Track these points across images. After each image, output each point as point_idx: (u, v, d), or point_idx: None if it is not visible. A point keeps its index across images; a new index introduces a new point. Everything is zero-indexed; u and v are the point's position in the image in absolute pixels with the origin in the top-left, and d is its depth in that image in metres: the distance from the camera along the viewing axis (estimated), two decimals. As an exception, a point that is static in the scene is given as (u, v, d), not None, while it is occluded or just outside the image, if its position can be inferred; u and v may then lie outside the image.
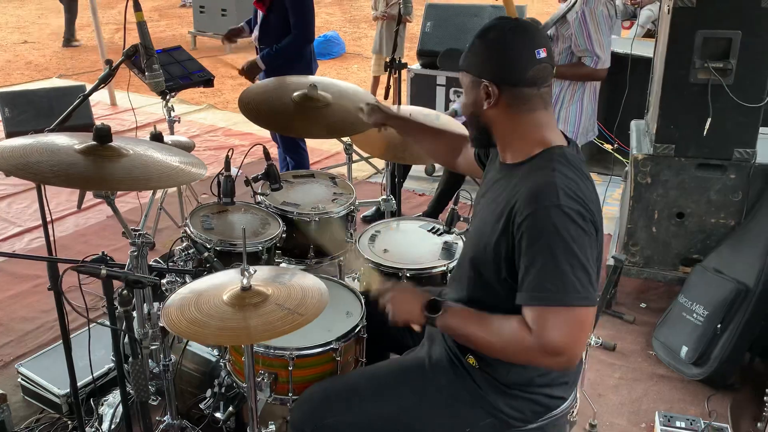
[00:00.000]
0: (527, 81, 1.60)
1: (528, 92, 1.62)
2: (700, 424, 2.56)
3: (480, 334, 1.61)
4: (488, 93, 1.62)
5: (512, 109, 1.63)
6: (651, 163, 3.17)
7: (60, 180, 1.58)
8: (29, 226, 4.30)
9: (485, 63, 1.63)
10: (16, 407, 2.69)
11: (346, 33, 10.59)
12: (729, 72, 2.91)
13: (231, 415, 2.18)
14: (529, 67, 1.59)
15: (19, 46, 9.88)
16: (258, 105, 2.63)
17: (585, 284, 1.48)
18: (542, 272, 1.49)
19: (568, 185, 1.52)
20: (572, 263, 1.47)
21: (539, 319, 1.50)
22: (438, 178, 4.62)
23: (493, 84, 1.61)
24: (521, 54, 1.59)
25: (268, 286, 1.74)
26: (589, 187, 1.59)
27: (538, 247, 1.50)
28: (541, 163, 1.60)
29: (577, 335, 1.50)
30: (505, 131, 1.68)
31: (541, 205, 1.50)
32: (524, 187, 1.56)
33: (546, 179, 1.54)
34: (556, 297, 1.48)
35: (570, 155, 1.62)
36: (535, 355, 1.52)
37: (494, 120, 1.67)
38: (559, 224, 1.48)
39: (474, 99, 1.67)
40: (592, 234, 1.53)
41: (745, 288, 2.84)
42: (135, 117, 4.15)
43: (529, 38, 1.61)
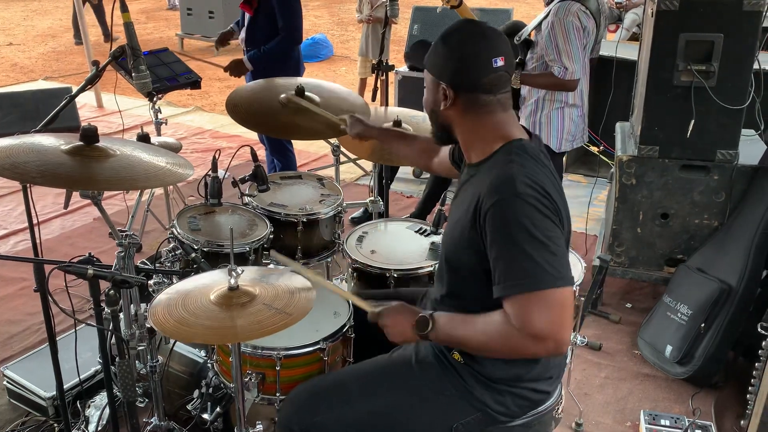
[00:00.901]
0: (482, 88, 1.65)
1: (484, 98, 1.66)
2: (685, 422, 2.59)
3: (470, 337, 1.63)
4: (445, 95, 1.67)
5: (469, 112, 1.68)
6: (635, 164, 3.20)
7: (47, 180, 1.58)
8: (14, 229, 4.27)
9: (443, 66, 1.67)
10: (1, 410, 2.68)
11: (334, 35, 10.59)
12: (711, 74, 2.95)
13: (218, 415, 2.18)
14: (485, 75, 1.63)
15: (4, 48, 9.81)
16: (246, 107, 2.64)
17: (555, 265, 1.50)
18: (510, 262, 1.52)
19: (525, 174, 1.56)
20: (537, 247, 1.50)
21: (518, 308, 1.52)
22: (426, 180, 4.64)
23: (450, 88, 1.66)
24: (477, 61, 1.63)
25: (256, 286, 1.75)
26: (548, 175, 1.62)
27: (502, 238, 1.53)
28: (500, 157, 1.65)
29: (559, 317, 1.51)
30: (464, 131, 1.73)
31: (500, 197, 1.53)
32: (486, 181, 1.59)
33: (503, 171, 1.58)
34: (528, 283, 1.50)
35: (528, 147, 1.66)
36: (524, 345, 1.53)
37: (453, 120, 1.72)
38: (518, 212, 1.51)
39: (433, 98, 1.72)
40: (554, 218, 1.55)
41: (729, 287, 2.87)
42: (122, 119, 4.13)
43: (489, 46, 1.64)
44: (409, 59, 1.62)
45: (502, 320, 1.56)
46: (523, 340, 1.52)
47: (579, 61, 3.17)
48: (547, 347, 1.53)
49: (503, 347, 1.58)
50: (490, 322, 1.58)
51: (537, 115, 3.39)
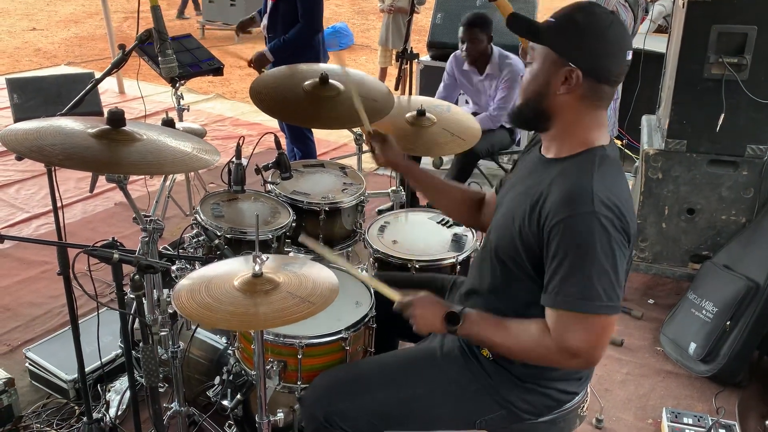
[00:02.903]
0: (612, 80, 1.56)
1: (606, 90, 1.57)
2: (708, 421, 2.56)
3: (500, 340, 1.62)
4: (569, 78, 1.54)
5: (583, 102, 1.57)
6: (662, 158, 3.15)
7: (74, 163, 1.57)
8: (37, 212, 4.31)
9: (579, 48, 1.53)
10: (23, 392, 2.70)
11: (354, 25, 10.56)
12: (744, 67, 2.88)
13: (239, 403, 2.18)
14: (619, 66, 1.55)
15: (28, 33, 9.88)
16: (270, 95, 2.62)
17: (610, 293, 1.47)
18: (568, 277, 1.48)
19: (604, 192, 1.48)
20: (599, 271, 1.45)
21: (560, 322, 1.51)
22: (446, 171, 4.61)
23: (581, 72, 1.52)
24: (617, 51, 1.54)
25: (279, 274, 1.73)
26: (624, 190, 1.55)
27: (567, 253, 1.48)
28: (580, 163, 1.56)
29: (597, 341, 1.51)
30: (566, 122, 1.60)
31: (576, 211, 1.46)
32: (560, 186, 1.52)
33: (583, 183, 1.49)
34: (578, 303, 1.47)
35: (611, 156, 1.59)
36: (555, 357, 1.54)
37: (560, 107, 1.58)
38: (591, 232, 1.45)
39: (547, 79, 1.57)
40: (623, 243, 1.49)
41: (756, 285, 2.82)
42: (144, 105, 4.14)
43: (625, 36, 1.56)
44: (515, 28, 1.49)
45: (538, 331, 1.55)
46: (555, 351, 1.52)
47: None
48: (578, 363, 1.54)
49: (535, 356, 1.59)
50: (526, 332, 1.57)
51: None
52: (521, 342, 1.59)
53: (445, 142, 2.68)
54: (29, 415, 2.60)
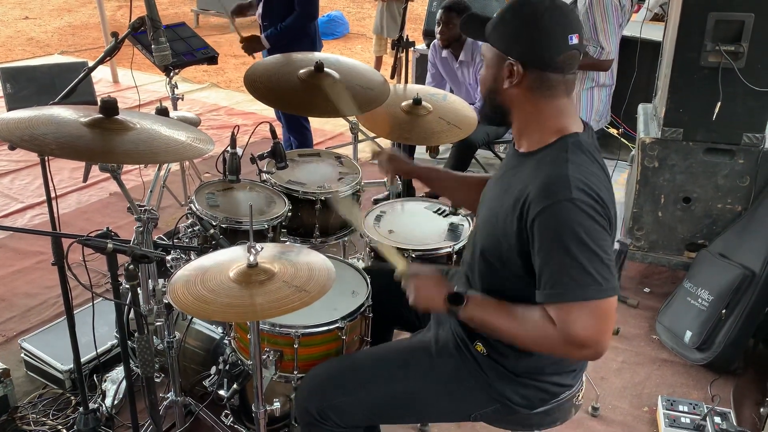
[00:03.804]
0: (555, 66, 1.53)
1: (554, 78, 1.55)
2: (703, 409, 2.57)
3: (504, 326, 1.58)
4: (512, 72, 1.54)
5: (534, 93, 1.56)
6: (658, 146, 3.14)
7: (66, 152, 1.56)
8: (31, 203, 4.28)
9: (515, 40, 1.54)
10: (19, 382, 2.69)
11: (350, 13, 10.49)
12: (740, 55, 2.87)
13: (235, 392, 2.18)
14: (561, 52, 1.52)
15: (21, 21, 9.80)
16: (264, 83, 2.60)
17: (604, 275, 1.44)
18: (559, 269, 1.46)
19: (581, 178, 1.47)
20: (588, 256, 1.44)
21: (562, 315, 1.47)
22: (442, 161, 4.60)
23: (519, 63, 1.53)
24: (554, 37, 1.51)
25: (275, 263, 1.73)
26: (601, 176, 1.54)
27: (552, 244, 1.46)
28: (554, 152, 1.54)
29: (602, 327, 1.47)
30: (524, 115, 1.61)
31: (554, 200, 1.45)
32: (537, 178, 1.50)
33: (558, 171, 1.49)
34: (575, 293, 1.45)
35: (585, 142, 1.56)
36: (562, 348, 1.49)
37: (513, 101, 1.60)
38: (572, 219, 1.44)
39: (495, 74, 1.59)
40: (606, 225, 1.48)
41: (751, 273, 2.83)
42: (138, 94, 4.10)
43: (565, 21, 1.52)
44: (464, 31, 1.49)
45: (543, 320, 1.50)
46: (562, 344, 1.48)
47: (615, 40, 3.12)
48: (586, 354, 1.50)
49: (540, 345, 1.55)
50: (530, 319, 1.53)
51: None
52: (526, 331, 1.54)
53: (441, 130, 2.67)
54: (25, 406, 2.59)
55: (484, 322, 1.62)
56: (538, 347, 1.56)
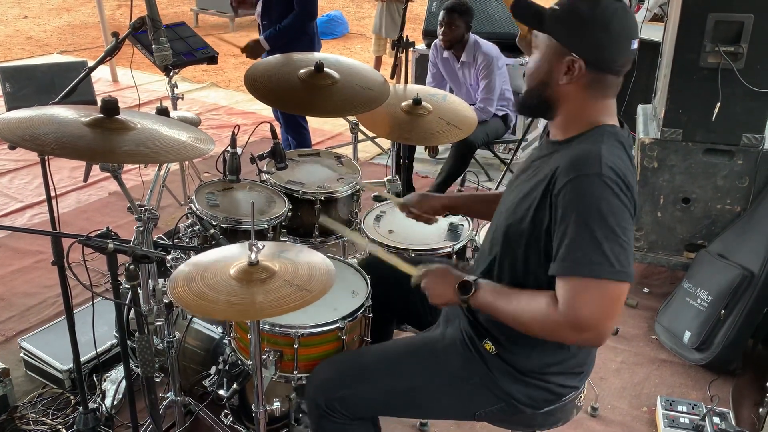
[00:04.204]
0: (616, 69, 1.53)
1: (611, 80, 1.55)
2: (702, 409, 2.57)
3: (510, 311, 1.57)
4: (571, 68, 1.52)
5: (588, 92, 1.55)
6: (658, 147, 3.15)
7: (67, 152, 1.56)
8: (31, 202, 4.28)
9: (581, 37, 1.51)
10: (18, 382, 2.69)
11: (349, 13, 10.49)
12: (740, 56, 2.88)
13: (235, 392, 2.18)
14: (624, 56, 1.52)
15: (20, 21, 9.79)
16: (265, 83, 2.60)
17: (620, 258, 1.41)
18: (576, 242, 1.43)
19: (612, 158, 1.46)
20: (608, 236, 1.41)
21: (570, 291, 1.44)
22: (442, 161, 4.60)
23: (582, 61, 1.51)
24: (621, 40, 1.50)
25: (275, 262, 1.73)
26: (631, 167, 1.53)
27: (573, 216, 1.44)
28: (589, 136, 1.55)
29: (609, 311, 1.43)
30: (571, 111, 1.59)
31: (582, 173, 1.44)
32: (567, 156, 1.50)
33: (591, 149, 1.48)
34: (588, 268, 1.41)
35: (621, 133, 1.57)
36: (565, 331, 1.46)
37: (564, 96, 1.57)
38: (597, 194, 1.42)
39: (550, 68, 1.56)
40: (630, 209, 1.46)
41: (750, 274, 2.83)
42: (138, 94, 4.11)
43: (631, 25, 1.52)
44: (519, 15, 1.44)
45: (547, 301, 1.49)
46: (563, 324, 1.45)
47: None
48: (586, 338, 1.47)
49: (543, 328, 1.52)
50: (535, 301, 1.52)
51: None
52: (530, 313, 1.52)
53: (441, 131, 2.67)
54: (24, 405, 2.59)
55: (492, 308, 1.61)
56: (541, 330, 1.53)
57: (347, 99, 2.53)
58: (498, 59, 4.20)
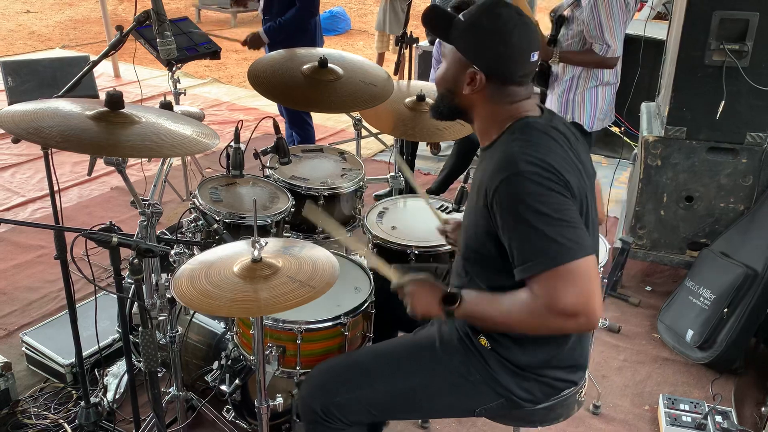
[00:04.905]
0: (517, 80, 1.59)
1: (513, 89, 1.61)
2: (705, 408, 2.57)
3: (496, 316, 1.59)
4: (473, 79, 1.59)
5: (491, 101, 1.62)
6: (661, 145, 3.14)
7: (72, 145, 1.55)
8: (33, 196, 4.28)
9: (482, 50, 1.58)
10: (20, 376, 2.69)
11: (351, 9, 10.48)
12: (745, 54, 2.87)
13: (237, 387, 2.18)
14: (524, 68, 1.58)
15: (22, 15, 9.78)
16: (268, 78, 2.60)
17: (571, 237, 1.45)
18: (525, 242, 1.48)
19: (527, 152, 1.51)
20: (548, 222, 1.45)
21: (542, 287, 1.47)
22: (444, 158, 4.60)
23: (483, 74, 1.58)
24: (520, 53, 1.56)
25: (279, 258, 1.72)
26: (557, 150, 1.55)
27: (511, 219, 1.49)
28: (504, 138, 1.60)
29: (586, 288, 1.45)
30: (483, 118, 1.66)
31: (503, 177, 1.49)
32: (491, 165, 1.55)
33: (505, 151, 1.54)
34: (546, 261, 1.45)
35: (534, 123, 1.59)
36: (554, 321, 1.48)
37: (470, 104, 1.65)
38: (522, 190, 1.47)
39: (455, 77, 1.63)
40: (563, 191, 1.49)
41: (754, 273, 2.83)
42: (141, 89, 4.10)
43: (531, 38, 1.57)
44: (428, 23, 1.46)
45: (527, 298, 1.50)
46: (553, 317, 1.47)
47: (621, 38, 3.11)
48: (579, 322, 1.48)
49: (534, 324, 1.54)
50: (517, 301, 1.53)
51: (570, 94, 3.32)
52: (517, 314, 1.54)
53: (444, 127, 2.67)
54: (26, 399, 2.59)
55: (480, 316, 1.64)
56: (533, 327, 1.56)
57: (351, 95, 2.54)
58: None
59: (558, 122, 1.65)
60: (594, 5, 3.09)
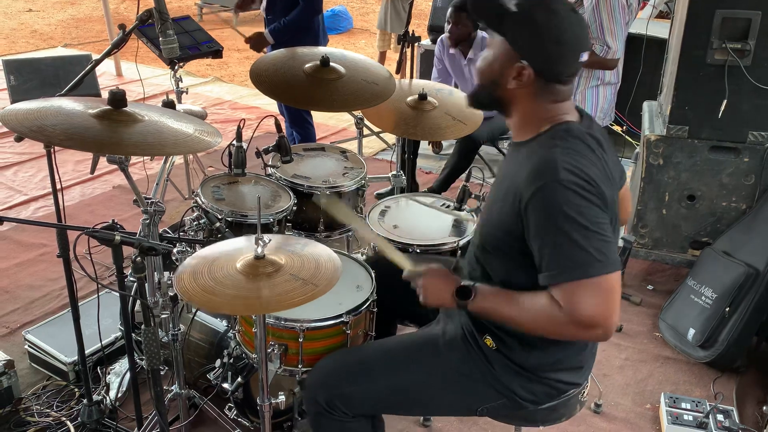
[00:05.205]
0: (563, 80, 1.56)
1: (559, 88, 1.57)
2: (706, 406, 2.57)
3: (512, 315, 1.59)
4: (520, 74, 1.54)
5: (537, 97, 1.58)
6: (663, 144, 3.14)
7: (75, 143, 1.56)
8: (35, 195, 4.29)
9: (533, 45, 1.52)
10: (23, 374, 2.70)
11: (353, 8, 10.48)
12: (747, 53, 2.87)
13: (239, 385, 2.18)
14: (572, 68, 1.55)
15: (24, 14, 9.79)
16: (270, 77, 2.60)
17: (604, 251, 1.45)
18: (557, 250, 1.46)
19: (568, 160, 1.48)
20: (583, 234, 1.44)
21: (566, 295, 1.47)
22: (445, 157, 4.60)
23: (532, 70, 1.53)
24: (572, 53, 1.52)
25: (282, 256, 1.73)
26: (594, 160, 1.53)
27: (546, 226, 1.47)
28: (544, 140, 1.56)
29: (608, 303, 1.46)
30: (523, 112, 1.62)
31: (542, 183, 1.47)
32: (528, 165, 1.53)
33: (545, 156, 1.51)
34: (576, 272, 1.45)
35: (575, 129, 1.57)
36: (571, 330, 1.49)
37: (513, 99, 1.61)
38: (561, 199, 1.45)
39: (501, 69, 1.57)
40: (599, 204, 1.49)
41: (755, 272, 2.82)
42: (143, 88, 4.11)
43: (582, 39, 1.54)
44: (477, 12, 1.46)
45: (549, 303, 1.50)
46: (571, 326, 1.47)
47: (621, 39, 3.11)
48: (596, 334, 1.49)
49: (550, 330, 1.54)
50: (537, 304, 1.53)
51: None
52: (534, 317, 1.54)
53: (446, 126, 2.67)
54: (29, 397, 2.60)
55: (493, 312, 1.62)
56: (548, 332, 1.56)
57: (352, 94, 2.53)
58: None
59: (595, 128, 1.64)
60: (596, 6, 3.09)
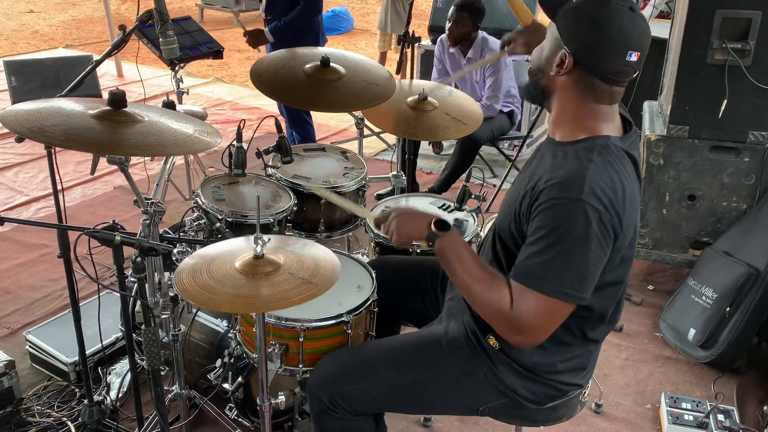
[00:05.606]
0: (604, 75, 1.51)
1: (599, 85, 1.53)
2: (707, 406, 2.57)
3: (467, 276, 1.61)
4: (563, 61, 1.53)
5: (577, 91, 1.55)
6: (664, 144, 3.14)
7: (75, 144, 1.56)
8: (36, 196, 4.29)
9: (576, 33, 1.51)
10: (24, 374, 2.70)
11: (354, 8, 10.48)
12: (747, 53, 2.87)
13: (240, 385, 2.18)
14: (614, 65, 1.49)
15: (25, 15, 9.80)
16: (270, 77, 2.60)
17: (571, 281, 1.47)
18: (537, 255, 1.49)
19: (599, 182, 1.46)
20: (566, 258, 1.46)
21: (518, 294, 1.52)
22: (446, 157, 4.60)
23: (572, 59, 1.51)
24: (614, 46, 1.48)
25: (281, 255, 1.73)
26: (624, 185, 1.50)
27: (544, 232, 1.48)
28: (581, 151, 1.53)
29: (544, 324, 1.53)
30: (563, 105, 1.60)
31: (564, 195, 1.46)
32: (555, 170, 1.51)
33: (578, 169, 1.48)
34: (535, 281, 1.49)
35: (614, 147, 1.54)
36: (501, 322, 1.55)
37: (555, 88, 1.59)
38: (572, 219, 1.45)
39: (548, 57, 1.57)
40: (606, 237, 1.47)
41: (756, 272, 2.82)
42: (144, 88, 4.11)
43: (632, 36, 1.48)
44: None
45: (500, 292, 1.54)
46: (505, 319, 1.53)
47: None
48: (519, 340, 1.56)
49: (486, 310, 1.59)
50: (496, 285, 1.57)
51: None
52: (484, 292, 1.58)
53: (446, 126, 2.67)
54: (30, 398, 2.60)
55: (454, 260, 1.64)
56: (485, 312, 1.60)
57: (353, 94, 2.53)
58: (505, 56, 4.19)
59: (635, 147, 1.61)
60: None
